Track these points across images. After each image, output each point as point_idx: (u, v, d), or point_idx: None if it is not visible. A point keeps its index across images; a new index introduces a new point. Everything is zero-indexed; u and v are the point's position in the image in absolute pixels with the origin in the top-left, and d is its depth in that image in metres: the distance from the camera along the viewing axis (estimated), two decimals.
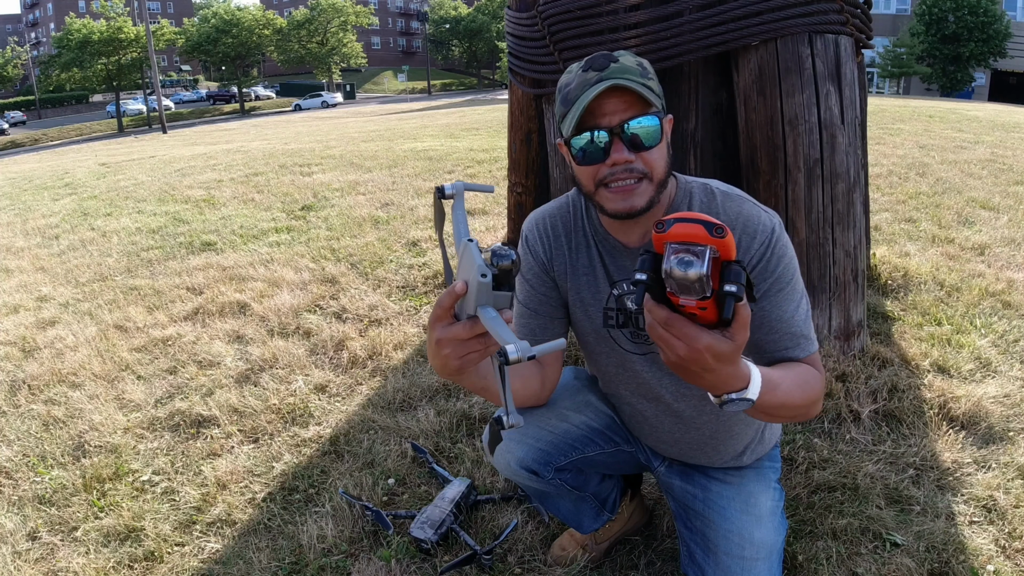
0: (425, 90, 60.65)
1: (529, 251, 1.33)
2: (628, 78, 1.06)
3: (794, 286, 1.16)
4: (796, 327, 1.15)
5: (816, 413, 1.16)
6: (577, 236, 1.30)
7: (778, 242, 1.15)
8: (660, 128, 1.10)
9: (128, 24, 40.08)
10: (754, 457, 1.44)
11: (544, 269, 1.32)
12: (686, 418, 1.36)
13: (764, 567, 1.32)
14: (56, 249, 5.36)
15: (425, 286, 3.74)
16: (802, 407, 1.09)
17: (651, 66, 1.14)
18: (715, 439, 1.37)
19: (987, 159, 7.22)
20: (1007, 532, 1.74)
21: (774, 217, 1.18)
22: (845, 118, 2.46)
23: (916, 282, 3.39)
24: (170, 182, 8.16)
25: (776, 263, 1.15)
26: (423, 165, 8.04)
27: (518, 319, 1.33)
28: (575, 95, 1.08)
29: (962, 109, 15.52)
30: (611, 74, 1.06)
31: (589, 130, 1.08)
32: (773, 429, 1.48)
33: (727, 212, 1.18)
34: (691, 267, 0.75)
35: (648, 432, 1.45)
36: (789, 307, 1.15)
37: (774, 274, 1.15)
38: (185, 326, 3.45)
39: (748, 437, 1.40)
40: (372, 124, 19.21)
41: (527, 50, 2.91)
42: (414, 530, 1.75)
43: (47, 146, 32.94)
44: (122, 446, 2.38)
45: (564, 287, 1.32)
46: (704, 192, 1.22)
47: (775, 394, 1.00)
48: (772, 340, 1.15)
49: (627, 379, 1.36)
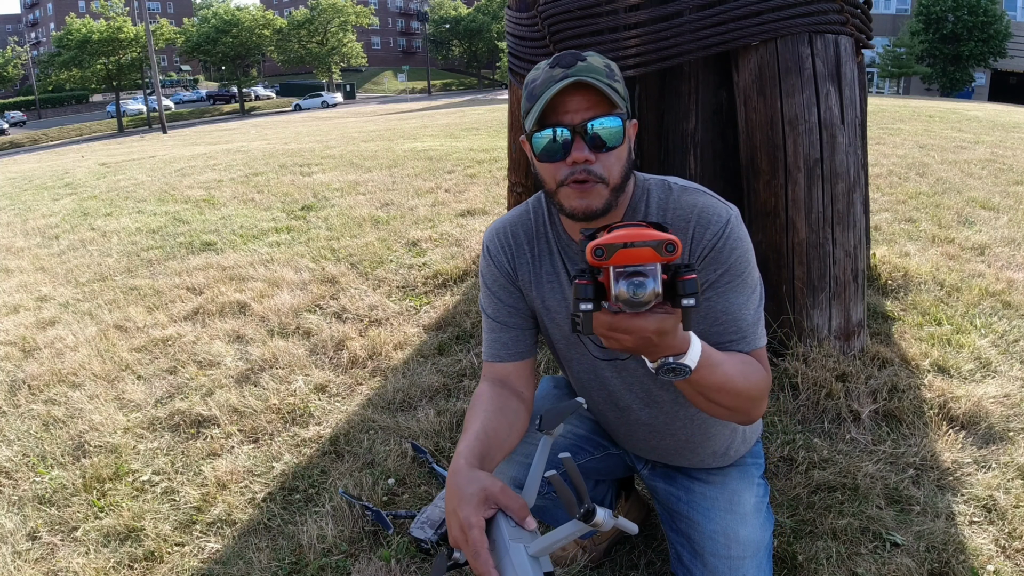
0: (425, 90, 60.65)
1: (492, 262, 1.29)
2: (594, 77, 1.05)
3: (745, 279, 1.14)
4: (743, 321, 1.14)
5: (760, 414, 1.15)
6: (540, 243, 1.27)
7: (732, 233, 1.13)
8: (623, 130, 1.08)
9: (128, 24, 40.07)
10: (737, 455, 1.42)
11: (509, 279, 1.29)
12: (659, 425, 1.34)
13: (752, 564, 1.32)
14: (56, 249, 5.36)
15: (425, 286, 3.74)
16: (744, 397, 1.08)
17: (618, 69, 1.12)
18: (691, 443, 1.36)
19: (987, 159, 7.22)
20: (1007, 532, 1.74)
21: (731, 209, 1.16)
22: (845, 118, 2.46)
23: (916, 282, 3.39)
24: (170, 182, 8.16)
25: (728, 253, 1.13)
26: (423, 165, 8.04)
27: (488, 334, 1.31)
28: (540, 91, 1.07)
29: (962, 109, 15.52)
30: (577, 72, 1.05)
31: (551, 127, 1.07)
32: (754, 426, 1.45)
33: (682, 205, 1.16)
34: (643, 288, 0.76)
35: (624, 437, 1.43)
36: (738, 300, 1.14)
37: (725, 264, 1.13)
38: (185, 326, 3.45)
39: (727, 437, 1.37)
40: (372, 124, 19.21)
41: (527, 50, 2.91)
42: (414, 530, 1.75)
43: (47, 146, 32.94)
44: (122, 446, 2.38)
45: (530, 296, 1.29)
46: (661, 188, 1.20)
47: (715, 371, 1.01)
48: (716, 332, 1.13)
49: (599, 387, 1.35)
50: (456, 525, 0.95)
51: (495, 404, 1.20)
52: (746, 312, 1.14)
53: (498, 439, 1.14)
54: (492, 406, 1.19)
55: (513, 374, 1.27)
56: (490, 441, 1.11)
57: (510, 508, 0.96)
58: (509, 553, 0.89)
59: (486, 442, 1.10)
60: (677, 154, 2.66)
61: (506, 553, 0.90)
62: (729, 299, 1.13)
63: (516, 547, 0.90)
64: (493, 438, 1.13)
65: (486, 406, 1.18)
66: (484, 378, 1.28)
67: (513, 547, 0.90)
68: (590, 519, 0.89)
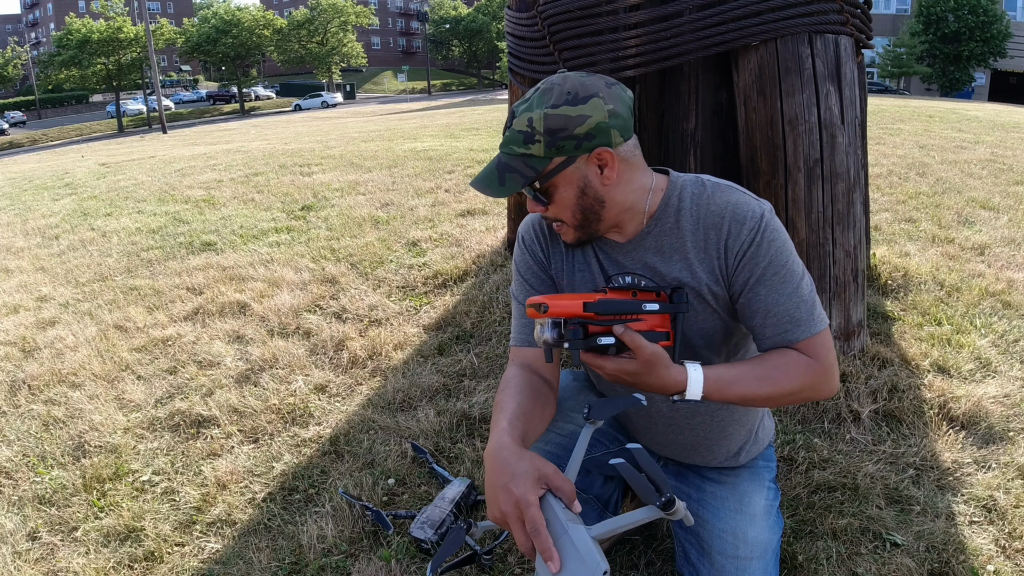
0: (425, 90, 60.64)
1: (526, 250, 1.34)
2: (508, 151, 1.13)
3: (790, 268, 1.16)
4: (796, 310, 1.15)
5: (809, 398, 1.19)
6: None
7: (768, 227, 1.15)
8: (560, 177, 1.13)
9: (128, 24, 40.07)
10: (748, 457, 1.44)
11: (542, 267, 1.33)
12: (679, 419, 1.36)
13: (759, 566, 1.33)
14: (56, 249, 5.36)
15: (425, 286, 3.74)
16: (775, 399, 1.14)
17: (546, 116, 1.10)
18: (708, 440, 1.38)
19: (987, 159, 7.22)
20: (1007, 532, 1.74)
21: (764, 204, 1.18)
22: (845, 118, 2.46)
23: (916, 282, 3.39)
24: (170, 182, 8.16)
25: (767, 248, 1.15)
26: (423, 165, 8.04)
27: (517, 320, 1.34)
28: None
29: (962, 109, 15.52)
30: (502, 145, 1.15)
31: None
32: (766, 429, 1.48)
33: (716, 202, 1.18)
34: (541, 333, 1.05)
35: (642, 432, 1.45)
36: (785, 290, 1.15)
37: (766, 258, 1.15)
38: (185, 326, 3.45)
39: (742, 438, 1.40)
40: (372, 124, 19.21)
41: (527, 50, 2.91)
42: (414, 530, 1.75)
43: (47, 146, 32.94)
44: (122, 446, 2.38)
45: (561, 285, 1.33)
46: (695, 184, 1.22)
47: (729, 391, 1.10)
48: (770, 325, 1.16)
49: None
50: (509, 502, 0.95)
51: (529, 387, 1.22)
52: (796, 300, 1.15)
53: (533, 421, 1.16)
54: (527, 389, 1.21)
55: (540, 360, 1.29)
56: (528, 422, 1.14)
57: (562, 490, 0.97)
58: (569, 534, 0.88)
59: (525, 422, 1.12)
60: (677, 154, 2.66)
61: (564, 533, 0.89)
62: (777, 291, 1.15)
63: (576, 528, 0.89)
64: (529, 419, 1.15)
65: (520, 388, 1.20)
66: (512, 362, 1.31)
67: (573, 528, 0.89)
68: (670, 508, 0.93)
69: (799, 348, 1.15)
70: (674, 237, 1.19)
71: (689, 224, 1.19)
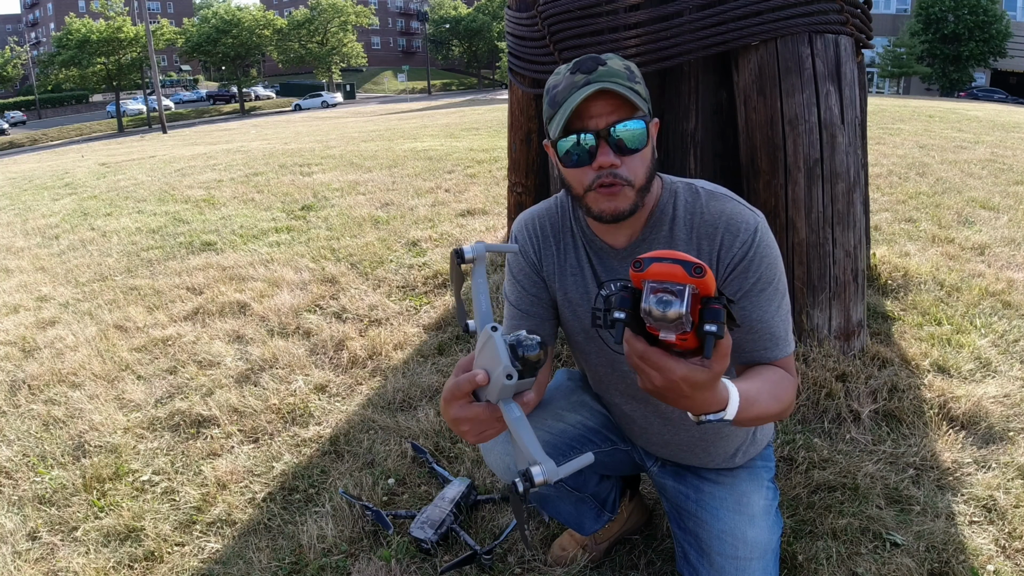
0: (425, 90, 60.64)
1: (519, 252, 1.33)
2: (616, 82, 1.06)
3: (776, 286, 1.16)
4: (775, 328, 1.15)
5: (786, 416, 1.17)
6: (565, 237, 1.30)
7: (761, 240, 1.15)
8: (646, 132, 1.11)
9: (128, 24, 40.07)
10: (746, 457, 1.44)
11: (534, 269, 1.32)
12: (675, 420, 1.35)
13: (758, 566, 1.32)
14: (56, 249, 5.36)
15: (425, 286, 3.74)
16: (774, 416, 1.11)
17: (638, 70, 1.13)
18: (704, 441, 1.37)
19: (987, 159, 7.22)
20: (1007, 532, 1.74)
21: (758, 215, 1.18)
22: (845, 118, 2.46)
23: (916, 282, 3.39)
24: (170, 182, 8.16)
25: (759, 262, 1.14)
26: (423, 165, 8.04)
27: (509, 320, 1.33)
28: (562, 97, 1.08)
29: (962, 109, 15.53)
30: (599, 77, 1.06)
31: (576, 132, 1.09)
32: (765, 429, 1.48)
33: (711, 211, 1.18)
34: (670, 307, 0.74)
35: (638, 433, 1.45)
36: (770, 307, 1.15)
37: (756, 273, 1.14)
38: (185, 326, 3.45)
39: (739, 439, 1.40)
40: (372, 124, 19.21)
41: (527, 50, 2.91)
42: (414, 530, 1.75)
43: (47, 146, 32.94)
44: (122, 446, 2.38)
45: (553, 287, 1.32)
46: (688, 192, 1.21)
47: (751, 409, 1.01)
48: (751, 340, 1.15)
49: (616, 380, 1.36)
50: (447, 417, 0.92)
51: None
52: (777, 319, 1.15)
53: None
54: None
55: None
56: None
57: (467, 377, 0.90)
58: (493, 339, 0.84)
59: None
60: (677, 154, 2.66)
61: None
62: (763, 308, 1.15)
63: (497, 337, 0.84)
64: None
65: None
66: None
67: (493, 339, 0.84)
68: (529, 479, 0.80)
69: (779, 365, 1.16)
70: (667, 246, 1.19)
71: (683, 233, 1.19)
